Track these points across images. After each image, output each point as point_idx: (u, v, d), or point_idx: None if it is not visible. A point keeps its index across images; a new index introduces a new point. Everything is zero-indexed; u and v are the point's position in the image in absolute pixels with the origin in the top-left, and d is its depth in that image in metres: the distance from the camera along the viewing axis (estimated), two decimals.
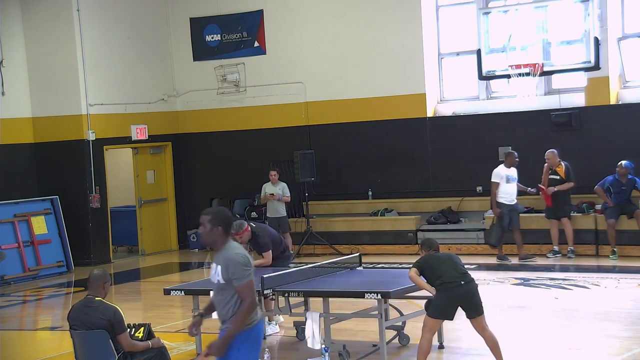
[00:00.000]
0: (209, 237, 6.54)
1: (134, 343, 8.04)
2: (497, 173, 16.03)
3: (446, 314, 8.81)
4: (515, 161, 16.06)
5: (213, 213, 6.59)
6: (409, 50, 18.33)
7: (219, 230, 6.52)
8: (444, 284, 8.71)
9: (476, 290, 8.80)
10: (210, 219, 6.54)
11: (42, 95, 19.19)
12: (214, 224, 6.51)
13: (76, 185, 18.94)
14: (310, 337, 9.51)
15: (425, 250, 9.15)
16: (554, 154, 16.16)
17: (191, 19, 20.60)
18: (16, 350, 11.94)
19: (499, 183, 15.94)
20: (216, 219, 6.54)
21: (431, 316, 8.79)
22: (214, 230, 6.51)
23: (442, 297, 8.73)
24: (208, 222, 6.53)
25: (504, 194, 15.94)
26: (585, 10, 15.79)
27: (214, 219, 6.53)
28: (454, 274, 8.76)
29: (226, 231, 6.55)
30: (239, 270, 6.39)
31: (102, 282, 8.10)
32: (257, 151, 19.91)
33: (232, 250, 6.50)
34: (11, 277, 17.50)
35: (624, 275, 14.22)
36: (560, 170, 16.08)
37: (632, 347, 9.73)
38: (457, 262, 8.94)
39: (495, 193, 15.93)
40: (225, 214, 6.63)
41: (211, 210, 6.65)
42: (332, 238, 18.30)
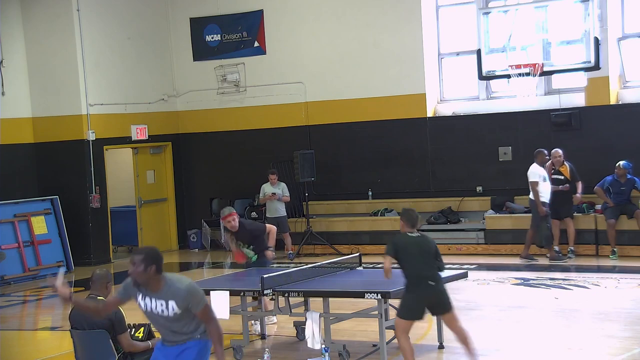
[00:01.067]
0: (143, 276, 6.50)
1: (134, 343, 8.04)
2: (535, 172, 15.69)
3: (416, 316, 8.73)
4: (545, 159, 15.82)
5: (145, 252, 6.54)
6: (409, 50, 18.34)
7: (152, 269, 6.50)
8: (413, 284, 8.64)
9: (444, 288, 8.76)
10: (142, 258, 6.48)
11: (42, 95, 19.19)
12: (147, 264, 6.48)
13: (76, 185, 18.94)
14: (310, 337, 9.51)
15: (405, 223, 8.87)
16: (561, 154, 16.10)
17: (191, 19, 20.60)
18: (16, 350, 11.94)
19: (538, 182, 15.63)
20: (149, 258, 6.49)
21: (401, 317, 8.70)
22: (148, 269, 6.49)
23: (411, 297, 8.67)
24: (141, 261, 6.48)
25: (542, 192, 15.63)
26: (585, 10, 15.79)
27: (146, 258, 6.48)
28: (424, 272, 8.64)
29: (159, 269, 6.53)
30: (196, 298, 6.53)
31: (105, 282, 8.11)
32: (257, 151, 19.91)
33: (178, 282, 6.56)
34: (11, 277, 17.50)
35: (624, 275, 14.22)
36: (565, 171, 16.05)
37: (631, 347, 9.73)
38: (429, 251, 8.75)
39: (537, 192, 15.57)
40: (157, 252, 6.59)
41: (143, 250, 6.60)
42: (332, 238, 18.30)
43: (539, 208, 15.64)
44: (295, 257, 17.83)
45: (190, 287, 6.54)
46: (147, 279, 6.50)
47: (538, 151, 15.89)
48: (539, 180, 15.63)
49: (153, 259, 6.50)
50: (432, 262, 8.77)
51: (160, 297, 6.54)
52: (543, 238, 15.81)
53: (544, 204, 15.63)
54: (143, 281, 6.52)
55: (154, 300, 6.57)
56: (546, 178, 15.73)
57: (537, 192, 15.58)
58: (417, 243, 8.81)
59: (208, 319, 6.58)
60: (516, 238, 16.84)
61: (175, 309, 6.51)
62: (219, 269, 17.85)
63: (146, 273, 6.48)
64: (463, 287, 13.23)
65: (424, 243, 8.85)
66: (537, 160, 15.80)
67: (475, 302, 12.64)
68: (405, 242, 8.81)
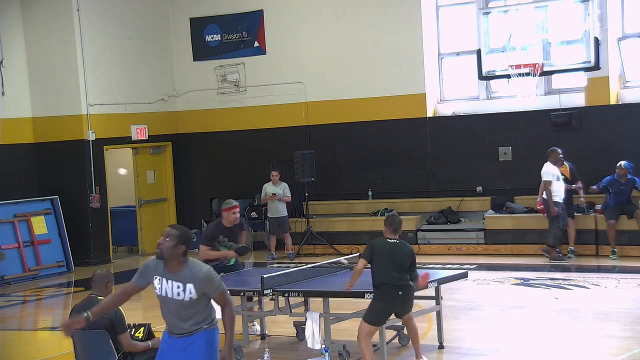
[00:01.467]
0: (171, 252, 6.60)
1: (134, 343, 8.04)
2: (549, 171, 15.61)
3: (381, 322, 8.97)
4: (560, 158, 15.73)
5: (182, 231, 6.66)
6: (409, 50, 18.34)
7: (181, 249, 6.61)
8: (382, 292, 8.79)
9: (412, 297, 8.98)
10: (177, 235, 6.61)
11: (42, 95, 19.20)
12: (179, 241, 6.60)
13: (76, 185, 18.94)
14: (310, 337, 9.51)
15: (387, 228, 9.09)
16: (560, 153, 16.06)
17: (191, 19, 20.60)
18: (16, 350, 11.94)
19: (551, 181, 15.56)
20: (183, 238, 6.62)
21: (368, 322, 8.86)
22: (178, 247, 6.60)
23: (379, 305, 8.85)
24: (175, 237, 6.61)
25: (555, 192, 15.55)
26: (585, 10, 15.78)
27: (180, 236, 6.61)
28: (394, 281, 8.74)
29: (185, 252, 6.65)
30: (215, 283, 6.64)
31: (105, 282, 8.11)
32: (257, 151, 19.92)
33: (199, 266, 6.65)
34: (11, 277, 17.50)
35: (624, 275, 14.23)
36: (565, 171, 16.03)
37: (631, 347, 9.73)
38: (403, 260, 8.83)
39: (550, 191, 15.51)
40: (190, 235, 6.73)
41: (180, 227, 6.73)
42: (332, 238, 18.30)
43: (550, 207, 15.55)
44: (295, 257, 17.84)
45: (210, 272, 6.65)
46: (173, 255, 6.58)
47: (551, 150, 15.80)
48: (552, 179, 15.55)
49: (186, 239, 6.61)
50: (404, 271, 8.83)
51: (178, 280, 6.59)
52: (553, 237, 15.72)
53: (557, 204, 15.55)
54: (169, 256, 6.59)
55: (171, 282, 6.62)
56: (559, 177, 15.63)
57: (550, 192, 15.51)
58: (392, 250, 8.92)
59: (225, 302, 6.70)
60: (516, 238, 16.85)
61: (192, 292, 6.56)
62: None
63: (175, 249, 6.57)
64: (463, 287, 13.24)
65: (400, 250, 8.94)
66: (551, 159, 15.70)
67: (475, 302, 12.64)
68: (381, 247, 8.97)
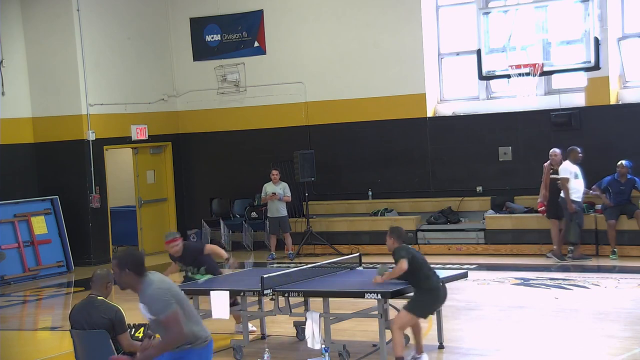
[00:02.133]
0: (121, 281, 6.58)
1: (134, 343, 8.03)
2: (566, 168, 15.58)
3: (428, 314, 9.44)
4: (579, 157, 15.65)
5: (119, 257, 6.60)
6: (409, 50, 18.34)
7: (127, 273, 6.53)
8: (432, 287, 9.16)
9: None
10: (116, 263, 6.57)
11: (42, 95, 19.20)
12: (121, 268, 6.54)
13: (76, 185, 18.95)
14: (310, 337, 9.51)
15: (396, 239, 9.34)
16: (559, 153, 16.04)
17: (191, 19, 20.60)
18: (16, 350, 11.94)
19: (569, 179, 15.52)
20: (122, 262, 6.54)
21: (415, 314, 9.10)
22: (123, 273, 6.54)
23: (430, 298, 9.19)
24: (116, 267, 6.57)
25: (573, 190, 15.51)
26: (585, 10, 15.78)
27: (120, 263, 6.55)
28: (436, 277, 9.27)
29: (137, 272, 6.53)
30: (159, 305, 6.45)
31: (105, 282, 8.10)
32: (257, 151, 19.92)
33: (150, 286, 6.52)
34: (11, 277, 17.50)
35: (624, 275, 14.22)
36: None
37: (631, 347, 9.73)
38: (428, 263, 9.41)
39: (568, 189, 15.47)
40: (131, 255, 6.59)
41: (118, 254, 6.69)
42: (332, 238, 18.30)
43: (568, 205, 15.51)
44: (295, 257, 17.84)
45: (155, 292, 6.47)
46: (125, 282, 6.55)
47: (571, 149, 15.74)
48: (570, 177, 15.52)
49: (125, 262, 6.55)
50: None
51: (141, 300, 6.60)
52: (573, 235, 15.66)
53: (575, 202, 15.52)
54: (123, 285, 6.59)
55: (140, 304, 6.64)
56: (578, 175, 15.59)
57: (568, 189, 15.48)
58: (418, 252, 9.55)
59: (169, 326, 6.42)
60: (516, 238, 16.85)
61: (146, 312, 6.54)
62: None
63: (122, 276, 6.55)
64: (463, 287, 13.23)
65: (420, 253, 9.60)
66: (570, 158, 15.66)
67: (475, 302, 12.64)
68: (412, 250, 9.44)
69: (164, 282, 6.62)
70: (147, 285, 6.51)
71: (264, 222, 19.07)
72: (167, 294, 6.50)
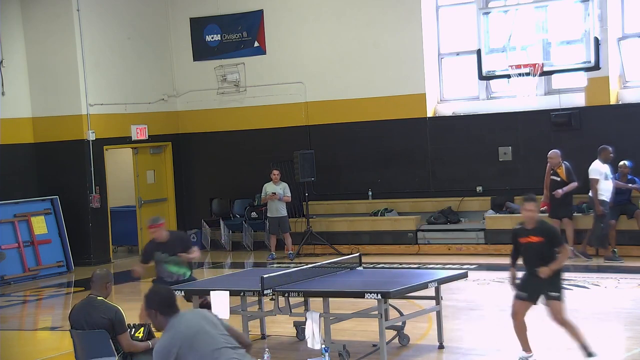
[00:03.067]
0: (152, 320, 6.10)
1: (133, 343, 8.03)
2: (596, 169, 15.44)
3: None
4: (610, 156, 15.51)
5: (147, 296, 6.12)
6: (409, 50, 18.33)
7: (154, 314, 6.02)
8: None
9: None
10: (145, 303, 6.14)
11: (42, 95, 19.20)
12: (148, 308, 6.07)
13: (76, 185, 18.94)
14: (310, 337, 9.51)
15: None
16: (557, 155, 16.01)
17: (191, 19, 20.60)
18: (16, 350, 11.94)
19: (598, 179, 15.40)
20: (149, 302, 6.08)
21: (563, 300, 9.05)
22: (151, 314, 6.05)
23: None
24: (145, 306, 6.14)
25: (603, 191, 15.39)
26: (585, 10, 15.78)
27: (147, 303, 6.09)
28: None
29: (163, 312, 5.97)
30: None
31: (105, 282, 8.11)
32: (257, 151, 19.91)
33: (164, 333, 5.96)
34: (11, 277, 17.50)
35: (624, 275, 14.22)
36: (561, 172, 16.00)
37: (632, 347, 9.73)
38: None
39: (596, 190, 15.37)
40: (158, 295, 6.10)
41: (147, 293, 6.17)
42: (332, 238, 18.30)
43: (596, 207, 15.44)
44: (295, 257, 17.84)
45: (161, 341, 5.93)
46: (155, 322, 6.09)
47: (602, 148, 15.62)
48: (599, 177, 15.40)
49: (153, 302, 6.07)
50: None
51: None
52: (595, 237, 15.61)
53: (603, 203, 15.39)
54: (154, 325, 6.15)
55: None
56: (608, 175, 15.46)
57: (596, 190, 15.40)
58: None
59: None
60: None
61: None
62: (219, 269, 17.85)
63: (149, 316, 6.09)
64: (463, 287, 13.24)
65: None
66: (601, 157, 15.53)
67: (475, 302, 12.65)
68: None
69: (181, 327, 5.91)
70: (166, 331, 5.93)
71: (264, 222, 19.07)
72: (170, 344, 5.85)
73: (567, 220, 16.02)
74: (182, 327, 5.91)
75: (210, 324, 5.98)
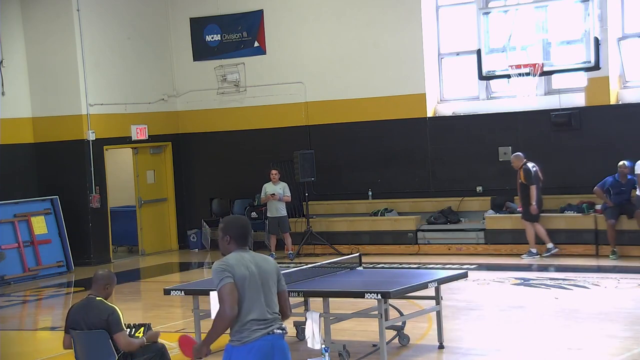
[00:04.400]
0: (221, 245, 6.31)
1: (130, 341, 8.01)
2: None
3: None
4: None
5: (226, 221, 6.33)
6: (409, 50, 18.33)
7: (227, 240, 6.26)
8: None
9: None
10: (222, 227, 6.30)
11: (42, 95, 19.19)
12: (224, 233, 6.27)
13: (76, 185, 18.94)
14: (310, 337, 9.49)
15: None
16: (517, 157, 16.30)
17: (191, 19, 20.60)
18: (16, 350, 11.93)
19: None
20: (226, 228, 6.26)
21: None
22: (224, 239, 6.27)
23: None
24: (220, 230, 6.30)
25: None
26: (585, 10, 15.79)
27: (225, 227, 6.27)
28: None
29: (237, 242, 6.22)
30: (215, 279, 6.11)
31: (105, 283, 8.08)
32: (257, 151, 19.91)
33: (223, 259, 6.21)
34: (11, 277, 17.49)
35: (624, 275, 14.22)
36: (521, 174, 16.20)
37: (632, 347, 9.73)
38: None
39: None
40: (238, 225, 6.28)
41: (226, 219, 6.39)
42: (332, 238, 18.29)
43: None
44: (295, 257, 17.83)
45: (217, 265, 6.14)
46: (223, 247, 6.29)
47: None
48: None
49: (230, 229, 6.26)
50: None
51: None
52: None
53: None
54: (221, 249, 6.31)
55: None
56: None
57: None
58: None
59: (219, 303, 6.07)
60: (516, 238, 16.84)
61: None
62: None
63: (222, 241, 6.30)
64: (463, 287, 13.24)
65: None
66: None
67: (475, 302, 12.64)
68: None
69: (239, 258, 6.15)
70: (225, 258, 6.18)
71: (263, 222, 19.06)
72: (229, 269, 6.07)
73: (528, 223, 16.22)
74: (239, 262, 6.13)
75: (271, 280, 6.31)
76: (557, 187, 16.98)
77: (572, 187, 16.89)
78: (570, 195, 16.79)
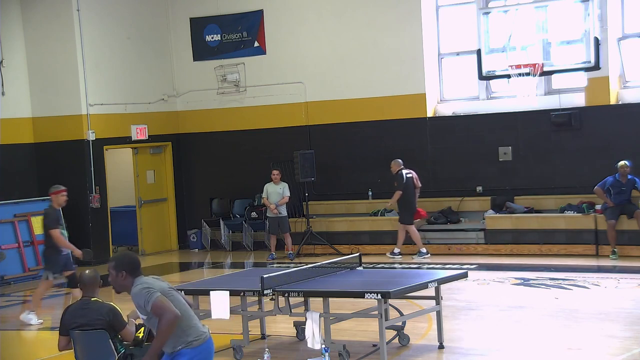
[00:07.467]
0: (117, 283, 6.68)
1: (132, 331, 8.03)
2: None
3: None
4: None
5: (116, 259, 6.73)
6: (409, 50, 18.34)
7: (124, 275, 6.63)
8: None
9: None
10: (113, 265, 6.67)
11: (42, 95, 19.19)
12: (118, 270, 6.64)
13: (76, 185, 18.87)
14: (310, 337, 9.50)
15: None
16: (395, 164, 16.93)
17: (191, 19, 20.60)
18: (16, 350, 11.93)
19: None
20: (119, 264, 6.65)
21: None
22: (119, 276, 6.64)
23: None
24: (112, 269, 6.67)
25: None
26: (585, 10, 15.79)
27: (117, 265, 6.65)
28: None
29: (133, 274, 6.62)
30: (143, 298, 6.48)
31: (95, 283, 8.14)
32: (257, 151, 19.91)
33: (136, 285, 6.59)
34: (11, 277, 17.50)
35: (624, 275, 14.23)
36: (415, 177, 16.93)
37: (632, 347, 9.73)
38: None
39: None
40: (128, 257, 6.73)
41: (114, 256, 6.85)
42: (332, 238, 18.30)
43: None
44: (295, 257, 17.84)
45: (136, 290, 6.54)
46: (121, 285, 6.65)
47: None
48: None
49: (120, 263, 6.65)
50: None
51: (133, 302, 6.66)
52: None
53: None
54: (118, 288, 6.69)
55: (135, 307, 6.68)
56: None
57: None
58: None
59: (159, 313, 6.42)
60: (516, 238, 16.85)
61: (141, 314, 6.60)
62: (219, 269, 17.85)
63: (118, 279, 6.65)
64: (463, 287, 13.25)
65: None
66: None
67: (475, 302, 12.64)
68: None
69: (151, 280, 6.63)
70: (135, 285, 6.58)
71: (264, 222, 19.07)
72: (150, 287, 6.53)
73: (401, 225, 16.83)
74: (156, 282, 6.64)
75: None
76: (557, 187, 17.00)
77: (572, 187, 16.90)
78: (570, 195, 16.79)
